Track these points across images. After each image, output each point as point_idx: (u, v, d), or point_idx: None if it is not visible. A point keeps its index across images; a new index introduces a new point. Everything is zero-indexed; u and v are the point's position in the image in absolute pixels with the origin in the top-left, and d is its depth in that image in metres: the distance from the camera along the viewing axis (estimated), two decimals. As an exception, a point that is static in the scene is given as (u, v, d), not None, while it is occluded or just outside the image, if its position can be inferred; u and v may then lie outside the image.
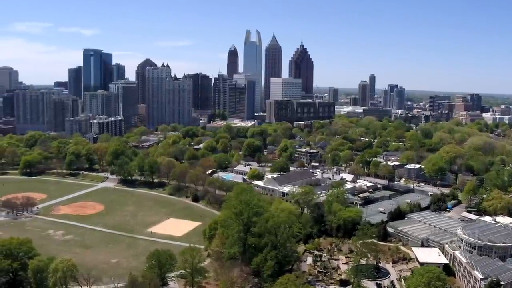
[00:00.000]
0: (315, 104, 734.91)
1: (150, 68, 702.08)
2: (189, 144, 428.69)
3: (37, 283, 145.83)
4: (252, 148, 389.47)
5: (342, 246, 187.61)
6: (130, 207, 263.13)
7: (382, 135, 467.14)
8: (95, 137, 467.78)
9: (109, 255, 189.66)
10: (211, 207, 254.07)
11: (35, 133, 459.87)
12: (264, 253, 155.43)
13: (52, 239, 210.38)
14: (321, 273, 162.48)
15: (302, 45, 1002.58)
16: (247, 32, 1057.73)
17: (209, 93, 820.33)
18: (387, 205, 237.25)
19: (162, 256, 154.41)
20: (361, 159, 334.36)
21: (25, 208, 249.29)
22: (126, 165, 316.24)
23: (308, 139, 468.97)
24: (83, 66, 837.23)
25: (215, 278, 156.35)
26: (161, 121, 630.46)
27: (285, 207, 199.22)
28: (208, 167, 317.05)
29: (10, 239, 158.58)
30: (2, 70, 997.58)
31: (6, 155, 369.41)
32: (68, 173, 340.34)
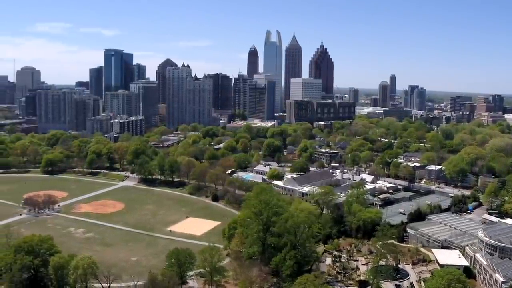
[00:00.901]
0: (335, 104, 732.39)
1: (170, 68, 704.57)
2: (209, 144, 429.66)
3: (57, 279, 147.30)
4: (272, 148, 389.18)
5: (361, 247, 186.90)
6: (150, 206, 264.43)
7: (403, 136, 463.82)
8: (116, 137, 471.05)
9: (129, 253, 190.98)
10: (230, 206, 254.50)
11: (57, 132, 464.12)
12: (283, 253, 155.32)
13: (73, 236, 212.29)
14: (340, 274, 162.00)
15: (322, 45, 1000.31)
16: (267, 32, 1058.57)
17: (229, 93, 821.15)
18: (407, 206, 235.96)
19: (181, 254, 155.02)
20: (381, 160, 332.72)
21: (47, 206, 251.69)
22: (147, 164, 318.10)
23: (328, 139, 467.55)
24: (104, 66, 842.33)
25: (234, 277, 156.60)
26: (181, 121, 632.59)
27: (305, 207, 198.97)
28: (228, 167, 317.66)
29: (31, 236, 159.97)
30: (25, 70, 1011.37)
31: (28, 153, 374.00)
32: (89, 172, 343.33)
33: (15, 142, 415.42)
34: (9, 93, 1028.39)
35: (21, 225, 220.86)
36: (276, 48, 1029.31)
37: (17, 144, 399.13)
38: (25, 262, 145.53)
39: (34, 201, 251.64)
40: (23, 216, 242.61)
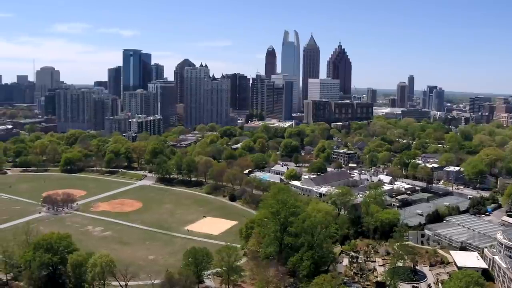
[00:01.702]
0: (353, 105, 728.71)
1: (188, 68, 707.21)
2: (227, 143, 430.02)
3: (75, 277, 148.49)
4: (289, 149, 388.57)
5: (379, 248, 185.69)
6: (168, 205, 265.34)
7: (421, 136, 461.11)
8: (134, 136, 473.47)
9: (146, 252, 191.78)
10: (248, 206, 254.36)
11: (76, 131, 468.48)
12: (300, 253, 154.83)
13: (91, 235, 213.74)
14: (357, 275, 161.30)
15: (340, 45, 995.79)
16: (285, 32, 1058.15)
17: (247, 93, 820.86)
18: (425, 208, 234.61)
19: (198, 254, 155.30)
20: (399, 161, 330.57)
21: (65, 204, 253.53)
22: (164, 164, 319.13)
23: (345, 140, 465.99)
24: (123, 66, 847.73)
25: (251, 277, 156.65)
26: (199, 120, 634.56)
27: (322, 207, 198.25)
28: (245, 167, 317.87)
29: (50, 234, 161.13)
30: (44, 70, 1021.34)
31: (48, 152, 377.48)
32: (107, 171, 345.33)
33: (35, 141, 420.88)
34: (28, 92, 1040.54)
35: (40, 223, 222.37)
36: (294, 48, 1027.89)
37: (37, 143, 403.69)
38: (44, 260, 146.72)
39: (53, 199, 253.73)
40: (42, 214, 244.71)
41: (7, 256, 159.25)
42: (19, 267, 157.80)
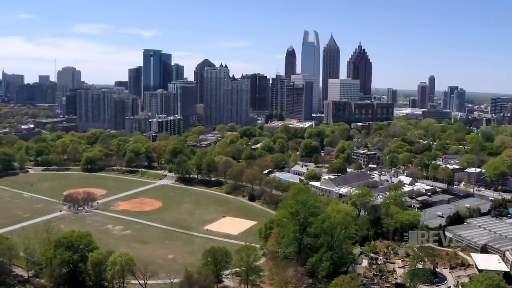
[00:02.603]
0: (373, 105, 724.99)
1: (208, 68, 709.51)
2: (246, 143, 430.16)
3: (95, 275, 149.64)
4: (309, 149, 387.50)
5: (398, 249, 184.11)
6: (187, 205, 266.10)
7: (442, 137, 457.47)
8: (154, 136, 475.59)
9: (165, 251, 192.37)
10: (267, 206, 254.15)
11: (96, 131, 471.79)
12: (320, 254, 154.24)
13: (111, 233, 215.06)
14: (377, 276, 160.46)
15: (361, 46, 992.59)
16: (305, 32, 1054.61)
17: (267, 93, 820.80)
18: (446, 209, 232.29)
19: (217, 253, 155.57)
20: (420, 162, 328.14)
21: (86, 203, 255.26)
22: (184, 163, 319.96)
23: (365, 140, 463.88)
24: (143, 66, 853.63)
25: (269, 277, 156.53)
26: (219, 120, 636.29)
27: (342, 208, 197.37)
28: (265, 167, 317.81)
29: (71, 232, 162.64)
30: (66, 70, 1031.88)
31: (69, 151, 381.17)
32: (128, 170, 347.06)
33: (56, 141, 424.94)
34: (50, 92, 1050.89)
35: (61, 221, 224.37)
36: (314, 48, 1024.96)
37: (58, 143, 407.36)
38: (64, 257, 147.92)
39: (74, 198, 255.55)
40: (63, 212, 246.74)
41: (29, 253, 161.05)
42: (40, 264, 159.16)
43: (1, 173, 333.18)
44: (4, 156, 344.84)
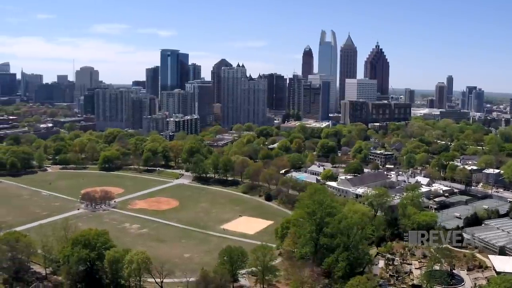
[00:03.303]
0: (390, 105, 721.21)
1: (225, 68, 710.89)
2: (263, 143, 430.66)
3: (112, 273, 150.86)
4: (326, 149, 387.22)
5: (415, 250, 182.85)
6: (204, 204, 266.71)
7: (460, 138, 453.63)
8: (172, 135, 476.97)
9: (182, 249, 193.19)
10: (283, 206, 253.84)
11: (114, 130, 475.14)
12: (336, 254, 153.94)
13: (127, 232, 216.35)
14: (393, 277, 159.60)
15: (378, 45, 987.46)
16: (322, 32, 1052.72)
17: (284, 93, 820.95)
18: (463, 211, 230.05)
19: (234, 252, 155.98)
20: (437, 162, 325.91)
21: (103, 201, 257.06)
22: (201, 163, 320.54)
23: (383, 140, 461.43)
24: (161, 66, 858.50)
25: (285, 277, 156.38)
26: (236, 120, 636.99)
27: (358, 208, 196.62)
28: (281, 167, 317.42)
29: (88, 230, 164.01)
30: (84, 70, 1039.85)
31: (86, 150, 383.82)
32: (145, 169, 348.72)
33: (74, 139, 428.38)
34: (68, 92, 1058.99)
35: (79, 219, 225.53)
36: (331, 48, 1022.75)
37: (76, 141, 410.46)
38: (81, 255, 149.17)
39: (91, 196, 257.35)
40: (81, 210, 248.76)
41: (47, 250, 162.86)
42: (57, 261, 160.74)
43: (20, 171, 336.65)
44: (23, 155, 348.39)
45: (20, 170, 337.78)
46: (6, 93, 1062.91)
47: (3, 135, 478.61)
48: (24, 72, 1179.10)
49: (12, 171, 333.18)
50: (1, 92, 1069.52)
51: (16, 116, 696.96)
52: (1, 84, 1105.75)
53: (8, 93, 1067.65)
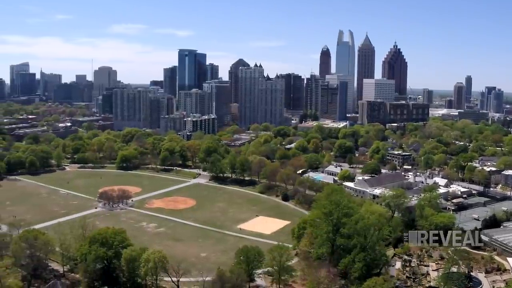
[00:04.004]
0: (408, 105, 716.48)
1: (243, 68, 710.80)
2: (280, 143, 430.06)
3: (129, 271, 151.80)
4: (343, 149, 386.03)
5: (432, 252, 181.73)
6: (221, 204, 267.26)
7: (478, 139, 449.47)
8: (189, 135, 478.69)
9: (198, 249, 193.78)
10: (300, 206, 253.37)
11: (132, 130, 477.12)
12: (353, 255, 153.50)
13: (144, 231, 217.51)
14: (410, 279, 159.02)
15: (396, 45, 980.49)
16: (339, 32, 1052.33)
17: (301, 93, 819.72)
18: (482, 212, 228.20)
19: (250, 252, 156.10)
20: (456, 164, 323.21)
21: (121, 200, 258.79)
22: (218, 163, 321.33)
23: (400, 141, 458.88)
24: (178, 66, 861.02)
25: (302, 277, 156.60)
26: (253, 120, 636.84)
27: (376, 209, 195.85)
28: (298, 167, 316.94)
29: (106, 229, 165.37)
30: (102, 70, 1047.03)
31: (104, 149, 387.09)
32: (162, 169, 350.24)
33: (92, 139, 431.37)
34: (87, 91, 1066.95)
35: (96, 218, 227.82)
36: (349, 48, 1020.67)
37: (94, 141, 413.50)
38: (99, 253, 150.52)
39: (109, 195, 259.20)
40: (98, 209, 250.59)
41: (64, 248, 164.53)
42: (75, 259, 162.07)
43: (39, 170, 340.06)
44: (41, 154, 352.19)
45: (39, 168, 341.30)
46: (25, 92, 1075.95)
47: (23, 134, 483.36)
48: (43, 72, 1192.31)
49: (31, 170, 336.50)
50: (21, 92, 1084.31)
51: (35, 115, 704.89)
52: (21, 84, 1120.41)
53: (28, 92, 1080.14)
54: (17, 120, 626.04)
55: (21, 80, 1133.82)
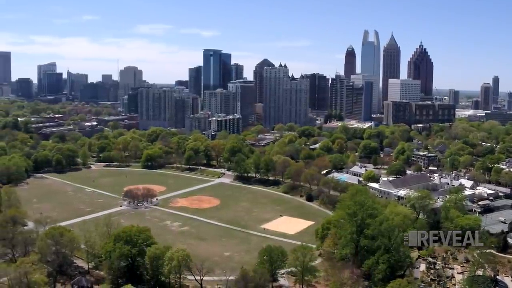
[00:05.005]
0: (434, 106, 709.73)
1: (268, 68, 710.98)
2: (305, 143, 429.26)
3: (153, 269, 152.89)
4: (368, 150, 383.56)
5: (458, 254, 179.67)
6: (245, 203, 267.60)
7: (506, 140, 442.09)
8: (214, 134, 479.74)
9: (222, 248, 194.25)
10: (324, 207, 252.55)
11: (157, 129, 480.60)
12: (376, 256, 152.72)
13: (168, 229, 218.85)
14: (434, 281, 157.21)
15: (422, 45, 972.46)
16: (365, 32, 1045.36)
17: (326, 93, 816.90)
18: (509, 215, 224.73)
19: (274, 252, 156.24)
20: (482, 165, 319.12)
21: (145, 199, 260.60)
22: (243, 162, 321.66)
23: (426, 142, 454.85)
24: (203, 65, 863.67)
25: (325, 278, 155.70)
26: (277, 120, 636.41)
27: (400, 210, 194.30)
28: (323, 167, 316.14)
29: (130, 227, 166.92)
30: (128, 70, 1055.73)
31: (130, 148, 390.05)
32: (187, 168, 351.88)
33: (118, 138, 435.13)
34: (112, 91, 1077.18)
35: (121, 216, 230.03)
36: (374, 48, 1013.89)
37: (119, 140, 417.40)
38: (123, 251, 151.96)
39: (134, 194, 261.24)
40: (123, 207, 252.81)
41: (89, 246, 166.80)
42: (100, 257, 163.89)
43: (65, 168, 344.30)
44: (68, 152, 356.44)
45: (65, 167, 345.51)
46: (52, 92, 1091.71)
47: (49, 133, 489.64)
48: (70, 71, 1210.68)
49: (57, 168, 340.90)
50: (48, 91, 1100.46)
51: (62, 114, 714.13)
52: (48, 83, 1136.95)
53: (55, 92, 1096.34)
54: (44, 119, 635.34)
55: (48, 80, 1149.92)
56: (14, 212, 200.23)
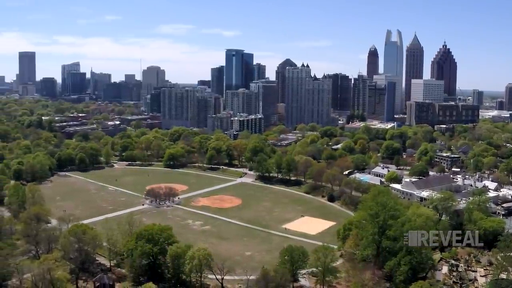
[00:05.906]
0: (458, 107, 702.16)
1: (290, 68, 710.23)
2: (327, 144, 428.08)
3: (174, 268, 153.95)
4: (390, 151, 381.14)
5: (481, 257, 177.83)
6: (266, 203, 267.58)
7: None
8: (236, 134, 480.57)
9: (243, 247, 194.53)
10: (346, 207, 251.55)
11: (179, 128, 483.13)
12: (398, 258, 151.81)
13: (190, 228, 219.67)
14: (457, 284, 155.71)
15: (445, 45, 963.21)
16: (387, 32, 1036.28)
17: (348, 93, 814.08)
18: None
19: (295, 252, 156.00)
20: (506, 167, 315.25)
21: (167, 198, 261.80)
22: (264, 162, 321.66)
23: (449, 143, 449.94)
24: (225, 65, 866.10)
25: (346, 279, 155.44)
26: (299, 120, 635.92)
27: (422, 212, 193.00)
28: (345, 168, 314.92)
29: (152, 225, 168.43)
30: (150, 69, 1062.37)
31: (152, 148, 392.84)
32: (209, 167, 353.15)
33: (140, 137, 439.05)
34: (135, 90, 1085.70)
35: (143, 214, 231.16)
36: (397, 48, 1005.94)
37: (142, 139, 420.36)
38: (145, 249, 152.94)
39: (156, 192, 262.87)
40: (145, 206, 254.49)
41: (111, 243, 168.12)
42: (122, 254, 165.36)
43: (88, 167, 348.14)
44: (91, 151, 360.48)
45: (88, 165, 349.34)
46: (76, 91, 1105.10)
47: (73, 131, 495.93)
48: (93, 71, 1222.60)
49: (80, 166, 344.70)
50: (72, 91, 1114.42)
51: (85, 113, 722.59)
52: (72, 83, 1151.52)
53: (78, 91, 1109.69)
54: (68, 118, 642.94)
55: (72, 80, 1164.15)
56: (38, 209, 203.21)
